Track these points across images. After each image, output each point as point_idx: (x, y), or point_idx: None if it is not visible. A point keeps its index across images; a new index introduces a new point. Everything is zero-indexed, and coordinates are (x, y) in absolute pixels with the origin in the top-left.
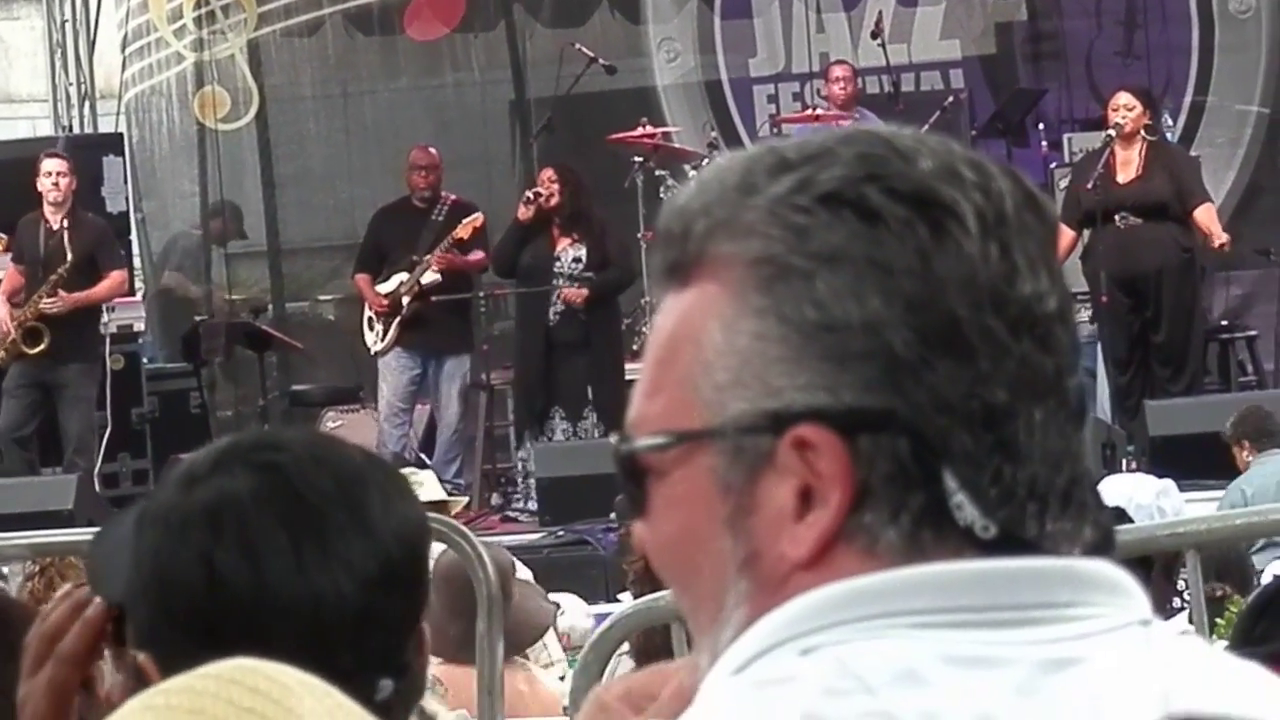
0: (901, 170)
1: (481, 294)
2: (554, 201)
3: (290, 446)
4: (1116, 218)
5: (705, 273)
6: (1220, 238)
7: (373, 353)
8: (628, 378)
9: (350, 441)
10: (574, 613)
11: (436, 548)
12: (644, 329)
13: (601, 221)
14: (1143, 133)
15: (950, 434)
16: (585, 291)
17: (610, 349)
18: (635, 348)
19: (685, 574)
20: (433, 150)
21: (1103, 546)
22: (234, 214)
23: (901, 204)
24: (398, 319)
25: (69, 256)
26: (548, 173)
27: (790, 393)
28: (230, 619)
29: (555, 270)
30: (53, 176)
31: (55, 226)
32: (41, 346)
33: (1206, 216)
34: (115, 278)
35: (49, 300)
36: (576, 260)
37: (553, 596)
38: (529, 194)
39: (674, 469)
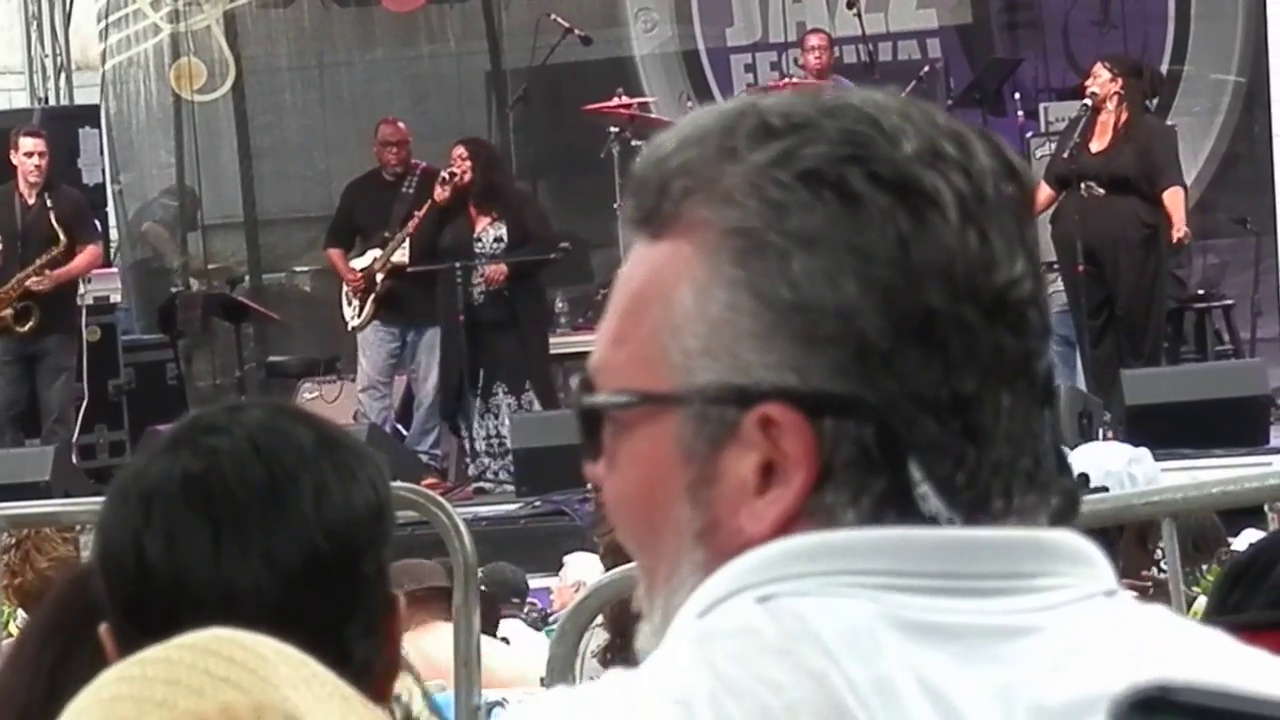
0: (886, 153)
1: (458, 265)
2: (467, 178)
3: (236, 429)
4: (1082, 186)
5: (679, 231)
6: (1179, 230)
7: (350, 328)
8: (553, 352)
9: (317, 418)
10: (588, 569)
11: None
12: None
13: (518, 194)
14: (1113, 103)
15: (917, 422)
16: (504, 269)
17: (539, 323)
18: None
19: (643, 532)
20: (400, 124)
21: (1067, 512)
22: (193, 198)
23: (883, 191)
24: (372, 296)
25: (60, 236)
26: (459, 150)
27: (759, 370)
28: (154, 604)
29: (477, 251)
30: (33, 157)
31: (31, 201)
32: (31, 323)
33: (1172, 202)
34: (92, 252)
35: (36, 279)
36: (498, 240)
37: (568, 557)
38: (444, 174)
39: (638, 426)
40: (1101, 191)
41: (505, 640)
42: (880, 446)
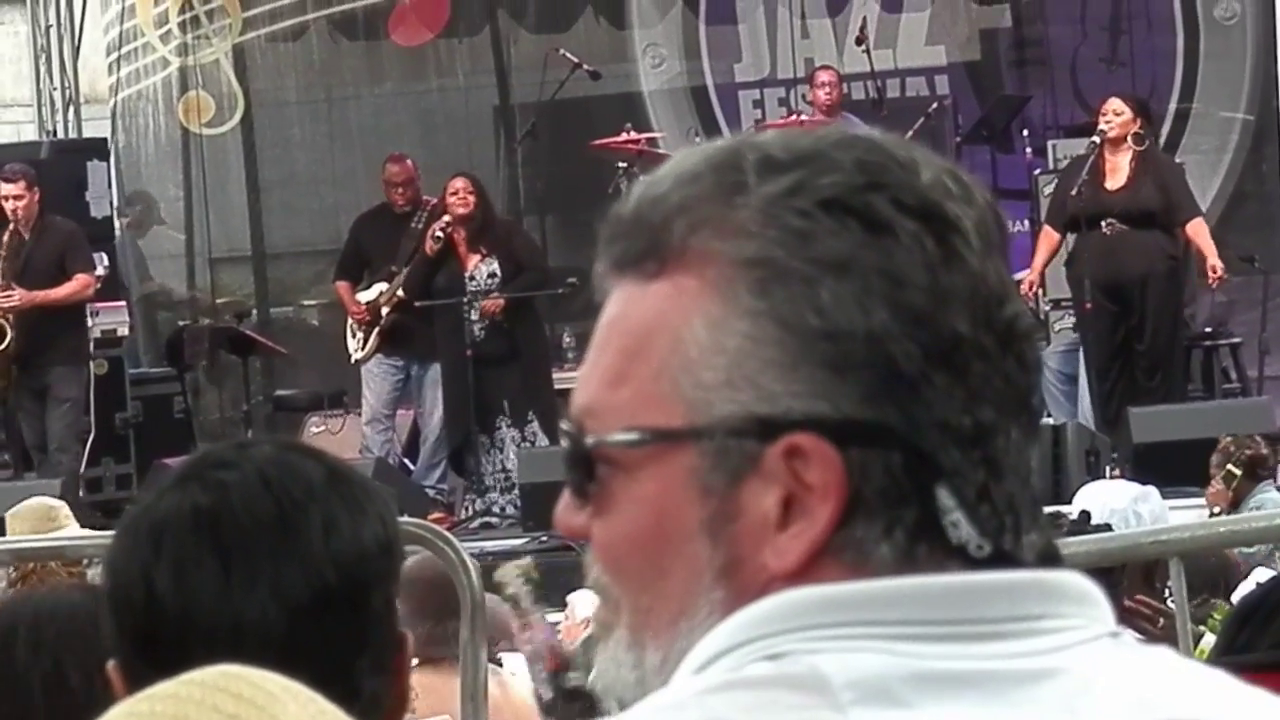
0: (905, 181)
1: (465, 299)
2: (469, 210)
3: (245, 464)
4: (1103, 224)
5: (683, 268)
6: (1215, 266)
7: (354, 360)
8: (561, 387)
9: (326, 454)
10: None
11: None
12: None
13: (505, 225)
14: (1130, 140)
15: (943, 450)
16: (502, 301)
17: (540, 355)
18: None
19: (647, 572)
20: (408, 161)
21: (1054, 552)
22: (148, 204)
23: (910, 216)
24: (376, 329)
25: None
26: (462, 182)
27: (786, 399)
28: (163, 638)
29: (471, 289)
30: (9, 202)
31: (27, 238)
32: (3, 345)
33: (1199, 232)
34: (80, 280)
35: (3, 295)
36: (492, 276)
37: (572, 595)
38: (438, 232)
39: (644, 466)
40: (1124, 227)
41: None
42: (908, 473)
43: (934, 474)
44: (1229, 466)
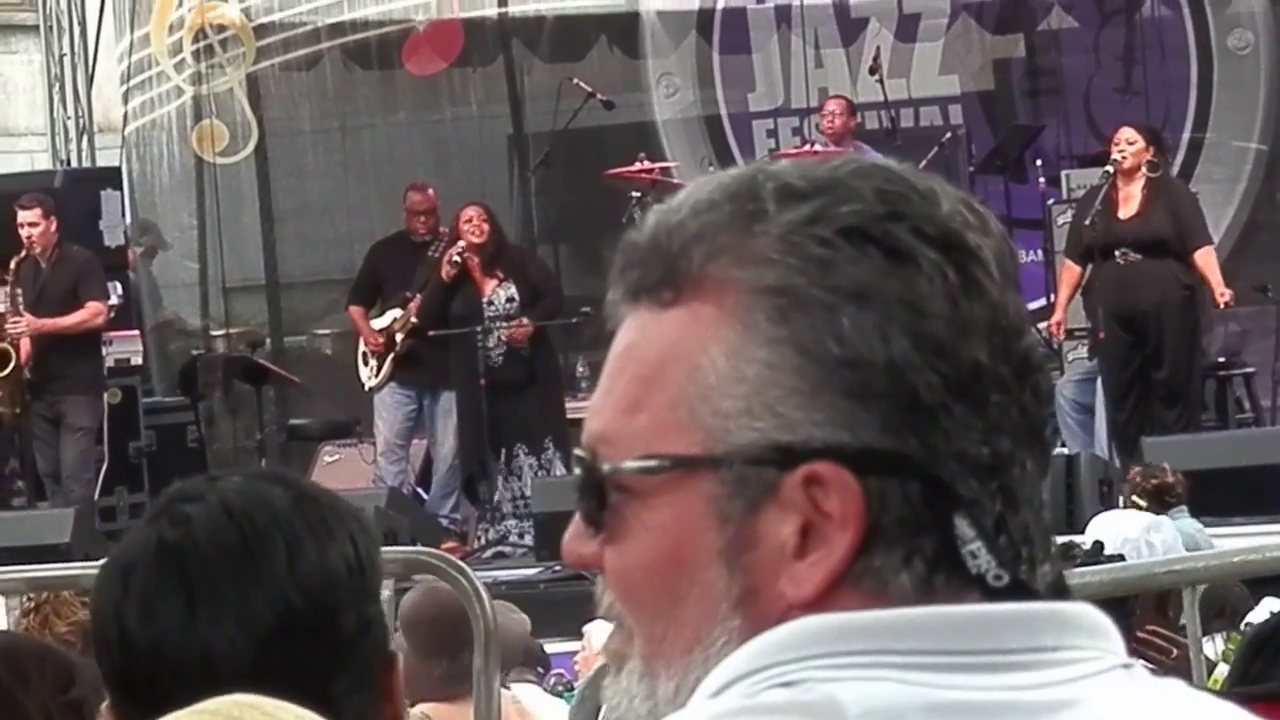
0: (926, 211)
1: (479, 328)
2: (482, 239)
3: (210, 496)
4: (1117, 254)
5: (701, 295)
6: (1223, 292)
7: (367, 388)
8: (574, 416)
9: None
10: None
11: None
12: None
13: (519, 251)
14: (1144, 169)
15: (962, 480)
16: (530, 329)
17: (554, 383)
18: None
19: (662, 600)
20: (430, 190)
21: (1062, 584)
22: (161, 233)
23: (931, 246)
24: (390, 356)
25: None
26: (476, 210)
27: (807, 427)
28: (135, 674)
29: (489, 314)
30: (25, 229)
31: (44, 266)
32: (8, 370)
33: (1206, 262)
34: (92, 308)
35: (14, 320)
36: (510, 300)
37: (588, 626)
38: (454, 257)
39: (661, 493)
40: (1139, 257)
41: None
42: (926, 503)
43: (953, 504)
44: (1134, 497)
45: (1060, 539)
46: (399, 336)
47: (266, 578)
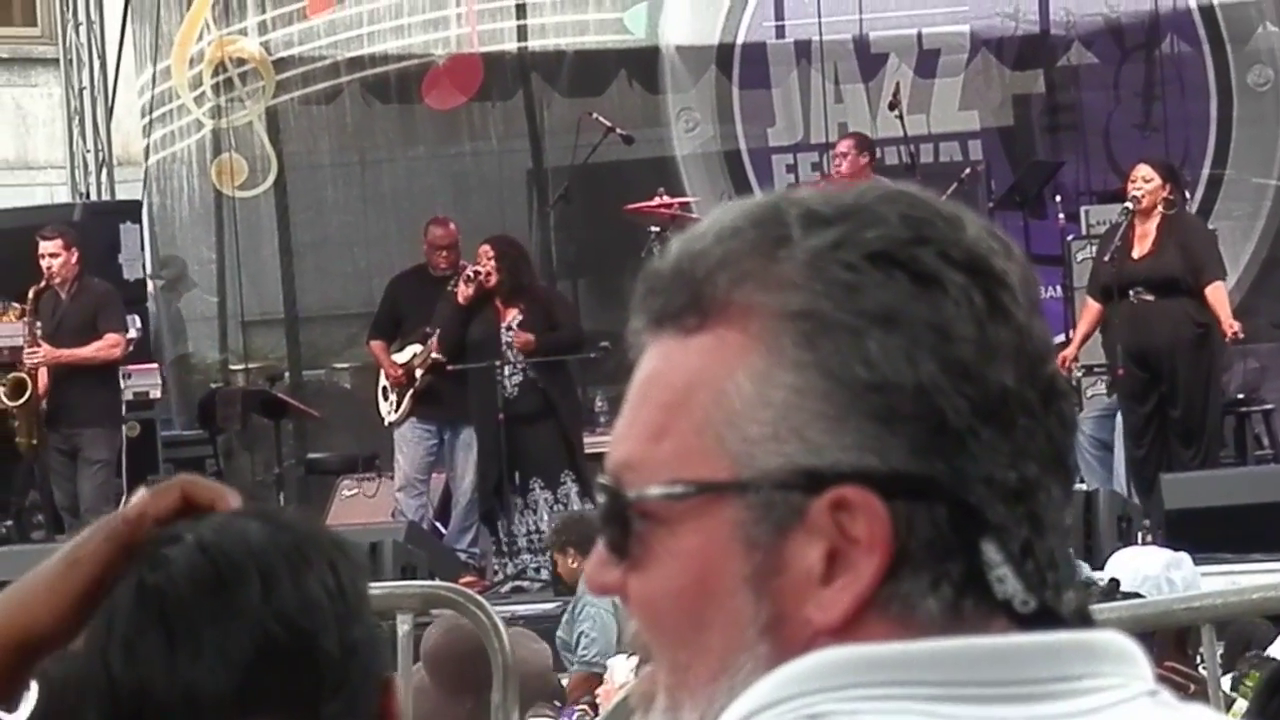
0: (951, 236)
1: (497, 362)
2: (493, 279)
3: (187, 536)
4: (1131, 293)
5: (726, 321)
6: (1230, 325)
7: (387, 423)
8: (593, 451)
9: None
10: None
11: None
12: None
13: (545, 289)
14: (1160, 206)
15: (989, 505)
16: (531, 337)
17: (573, 416)
18: None
19: (687, 628)
20: (451, 225)
21: (1086, 611)
22: (181, 267)
23: (957, 270)
24: (411, 391)
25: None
26: (485, 249)
27: (834, 451)
28: (124, 716)
29: (505, 341)
30: (45, 259)
31: (63, 297)
32: (25, 398)
33: (1216, 298)
34: (109, 339)
35: (31, 350)
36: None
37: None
38: (469, 272)
39: (687, 520)
40: (1150, 297)
41: None
42: (953, 528)
43: (980, 528)
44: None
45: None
46: (419, 372)
47: (242, 608)
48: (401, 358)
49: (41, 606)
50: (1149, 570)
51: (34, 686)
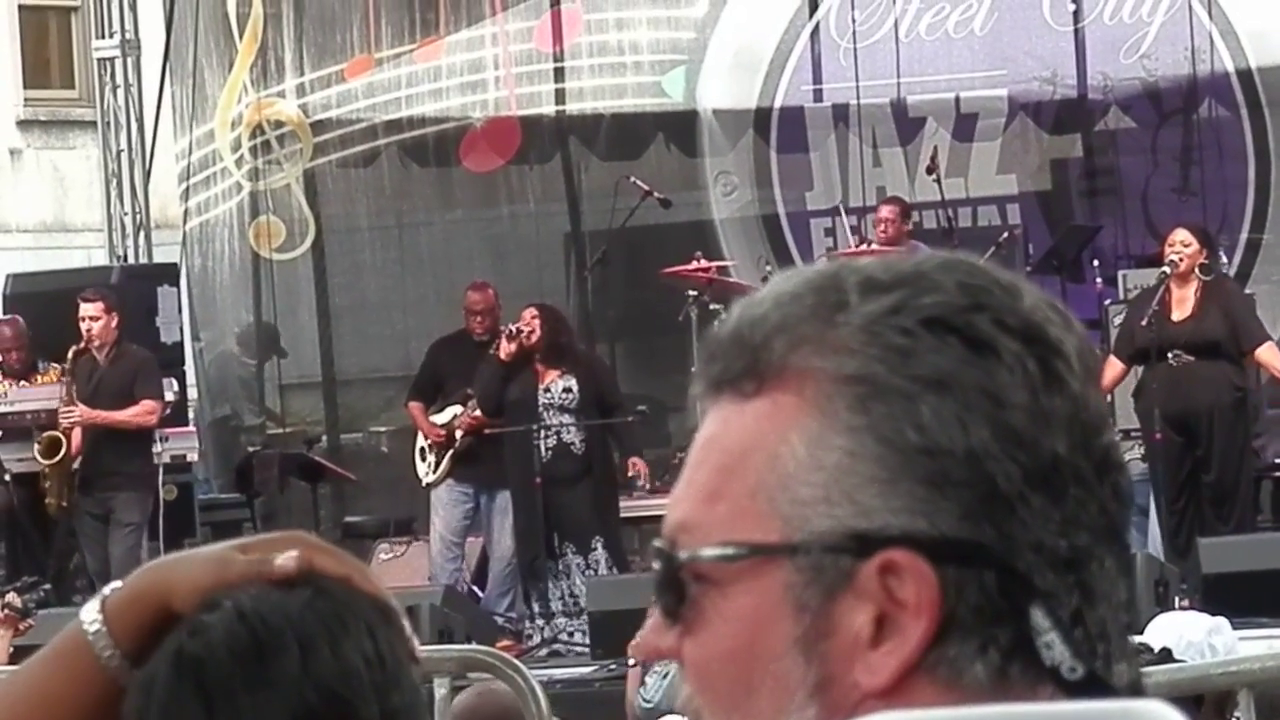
0: (1008, 304)
1: (536, 426)
2: (534, 339)
3: (226, 603)
4: (1170, 356)
5: (782, 385)
6: None
7: (424, 484)
8: (631, 515)
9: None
10: None
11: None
12: None
13: (586, 355)
14: (1198, 271)
15: (1038, 571)
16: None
17: (608, 481)
18: None
19: (739, 691)
20: (490, 290)
21: (1138, 684)
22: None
23: (1012, 337)
24: (450, 452)
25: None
26: (529, 311)
27: (884, 515)
28: None
29: (544, 403)
30: (85, 322)
31: (101, 361)
32: (59, 457)
33: (1270, 356)
34: (145, 405)
35: (66, 411)
36: (567, 390)
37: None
38: (511, 329)
39: (738, 582)
40: (1192, 359)
41: None
42: (1002, 593)
43: (1029, 595)
44: None
45: None
46: (459, 433)
47: (280, 678)
48: (441, 419)
49: None
50: (1192, 636)
51: None
